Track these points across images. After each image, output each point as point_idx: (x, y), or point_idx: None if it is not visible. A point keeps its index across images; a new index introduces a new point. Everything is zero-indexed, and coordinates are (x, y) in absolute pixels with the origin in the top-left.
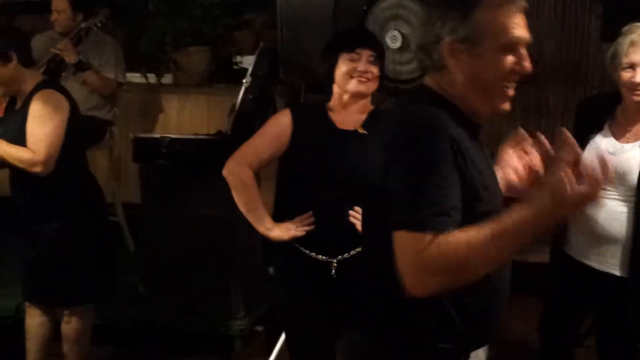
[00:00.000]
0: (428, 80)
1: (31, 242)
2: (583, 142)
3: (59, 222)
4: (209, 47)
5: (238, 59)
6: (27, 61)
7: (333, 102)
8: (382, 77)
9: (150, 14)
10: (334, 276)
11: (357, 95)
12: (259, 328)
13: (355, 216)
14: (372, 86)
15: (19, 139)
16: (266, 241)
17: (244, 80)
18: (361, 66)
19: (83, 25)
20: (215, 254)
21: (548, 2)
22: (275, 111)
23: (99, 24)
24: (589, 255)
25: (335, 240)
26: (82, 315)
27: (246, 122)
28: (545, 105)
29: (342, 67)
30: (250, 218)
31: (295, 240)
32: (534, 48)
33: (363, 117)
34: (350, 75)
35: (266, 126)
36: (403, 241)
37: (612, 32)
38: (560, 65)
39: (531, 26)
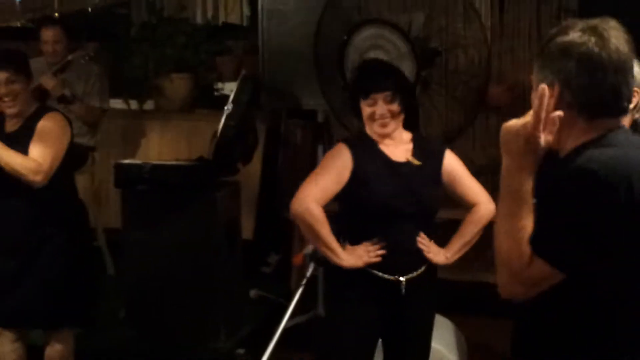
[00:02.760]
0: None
1: (16, 264)
2: None
3: (51, 244)
4: (191, 74)
5: (219, 85)
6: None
7: (373, 132)
8: (407, 106)
9: (133, 40)
10: (404, 294)
11: (384, 136)
12: (241, 351)
13: (423, 242)
14: (395, 122)
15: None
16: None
17: (225, 107)
18: (379, 110)
19: (70, 57)
20: (196, 278)
21: (523, 30)
22: (255, 137)
23: (87, 58)
24: None
25: (403, 264)
26: (66, 339)
27: (227, 148)
28: None
29: (364, 111)
30: (324, 251)
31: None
32: (510, 75)
33: (409, 146)
34: (371, 119)
35: (326, 162)
36: None
37: None
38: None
39: (507, 54)
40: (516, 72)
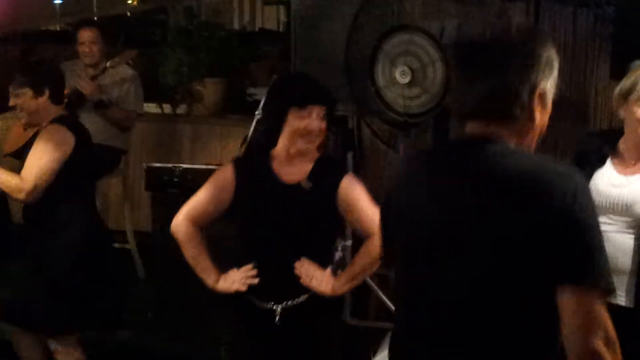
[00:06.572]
0: (494, 130)
1: (27, 263)
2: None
3: (55, 242)
4: (224, 79)
5: (252, 90)
6: (58, 99)
7: (278, 152)
8: (329, 128)
9: (168, 45)
10: (278, 324)
11: (304, 152)
12: None
13: (301, 269)
14: (319, 141)
15: None
16: None
17: (256, 112)
18: (311, 124)
19: (108, 64)
20: None
21: (557, 40)
22: None
23: (125, 65)
24: None
25: (280, 291)
26: (66, 345)
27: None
28: (553, 143)
29: (291, 124)
30: (197, 271)
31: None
32: None
33: (309, 167)
34: (300, 134)
35: (210, 181)
36: (591, 300)
37: (622, 70)
38: (569, 103)
39: None
40: None
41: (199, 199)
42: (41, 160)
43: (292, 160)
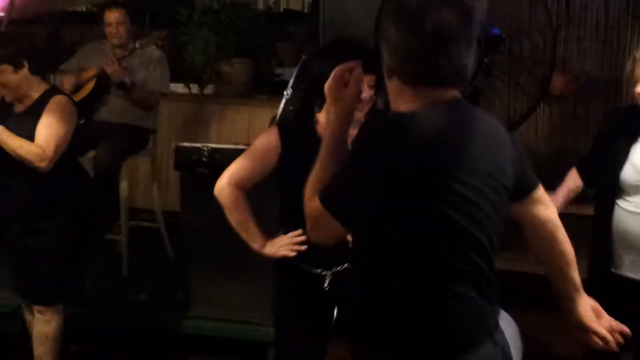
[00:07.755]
0: (457, 93)
1: (24, 242)
2: (619, 147)
3: (58, 220)
4: (251, 59)
5: (279, 71)
6: (37, 69)
7: (324, 117)
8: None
9: (195, 25)
10: (327, 288)
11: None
12: None
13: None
14: (367, 108)
15: (25, 139)
16: None
17: (285, 92)
18: (364, 94)
19: (137, 45)
20: (252, 262)
21: (590, 18)
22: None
23: (153, 46)
24: (630, 267)
25: (328, 255)
26: (60, 313)
27: None
28: (585, 120)
29: None
30: (243, 236)
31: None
32: (575, 64)
33: (354, 131)
34: None
35: (254, 145)
36: None
37: None
38: (601, 81)
39: (573, 42)
40: (582, 60)
41: (242, 163)
42: (59, 130)
43: None
